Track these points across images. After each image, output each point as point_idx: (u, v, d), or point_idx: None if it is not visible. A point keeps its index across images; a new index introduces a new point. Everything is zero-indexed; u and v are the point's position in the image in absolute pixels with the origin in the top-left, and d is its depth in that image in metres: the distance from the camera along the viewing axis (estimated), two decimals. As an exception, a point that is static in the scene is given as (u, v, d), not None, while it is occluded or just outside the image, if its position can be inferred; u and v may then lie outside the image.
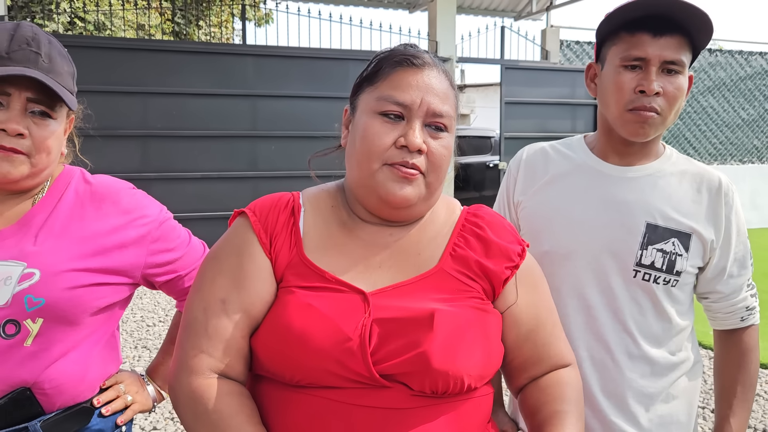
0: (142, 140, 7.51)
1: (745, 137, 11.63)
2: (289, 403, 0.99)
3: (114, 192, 1.34)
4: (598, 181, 1.42)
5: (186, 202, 7.45)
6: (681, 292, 1.41)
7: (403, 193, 1.03)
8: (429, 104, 1.05)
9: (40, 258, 1.21)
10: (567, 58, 10.18)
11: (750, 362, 1.46)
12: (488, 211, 1.18)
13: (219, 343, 1.02)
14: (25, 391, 1.21)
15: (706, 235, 1.38)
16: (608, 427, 1.40)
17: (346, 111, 1.15)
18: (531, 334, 1.12)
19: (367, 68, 1.12)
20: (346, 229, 1.11)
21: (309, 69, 8.05)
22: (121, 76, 7.31)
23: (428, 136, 1.05)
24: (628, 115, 1.33)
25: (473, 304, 1.06)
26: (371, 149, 1.04)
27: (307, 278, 1.04)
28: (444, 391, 0.98)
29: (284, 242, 1.08)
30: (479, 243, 1.11)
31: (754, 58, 11.60)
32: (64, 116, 1.29)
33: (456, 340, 0.98)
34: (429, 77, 1.07)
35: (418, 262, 1.09)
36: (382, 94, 1.05)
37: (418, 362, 0.96)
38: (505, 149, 9.13)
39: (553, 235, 1.41)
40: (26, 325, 1.19)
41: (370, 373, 0.96)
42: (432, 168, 1.06)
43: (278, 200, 1.13)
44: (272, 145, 8.00)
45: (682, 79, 1.32)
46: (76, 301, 1.24)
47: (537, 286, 1.16)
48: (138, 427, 3.48)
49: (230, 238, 1.10)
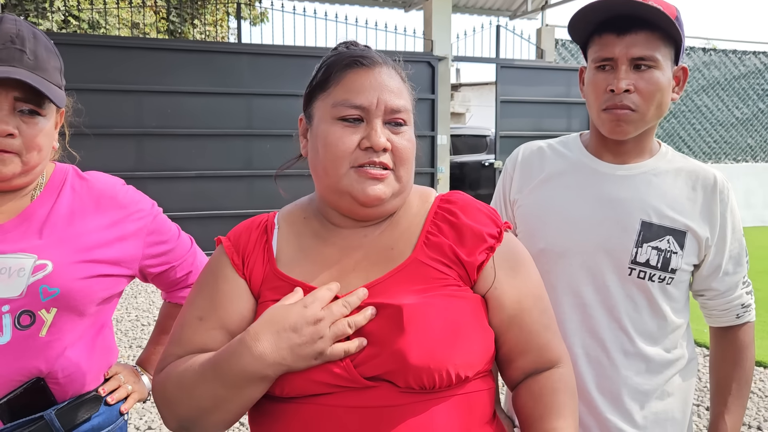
0: (136, 139, 7.50)
1: (739, 136, 11.67)
2: (282, 414, 1.00)
3: (110, 187, 1.38)
4: (593, 179, 1.43)
5: (181, 200, 7.44)
6: (676, 290, 1.41)
7: (375, 191, 1.03)
8: (386, 102, 1.05)
9: (51, 250, 1.24)
10: (562, 57, 10.20)
11: (745, 359, 1.47)
12: (462, 196, 1.16)
13: (189, 345, 1.06)
14: (39, 381, 1.25)
15: (701, 233, 1.38)
16: (603, 424, 1.40)
17: (301, 120, 1.16)
18: (515, 320, 1.08)
19: (315, 75, 1.11)
20: (320, 237, 1.12)
21: (304, 67, 8.04)
22: (115, 74, 7.29)
23: (390, 132, 1.05)
24: (604, 114, 1.36)
25: (448, 292, 1.03)
26: (336, 155, 1.03)
27: (282, 290, 1.05)
28: (432, 385, 0.96)
29: (257, 260, 1.10)
30: (452, 229, 1.09)
31: (747, 57, 11.64)
32: (53, 112, 1.29)
33: (430, 333, 0.97)
34: (381, 75, 1.06)
35: (392, 256, 1.08)
36: (337, 99, 1.05)
37: (396, 360, 0.95)
38: (501, 148, 9.15)
39: (548, 233, 1.41)
40: (41, 316, 1.23)
41: (351, 375, 0.96)
42: (399, 162, 1.06)
43: (251, 222, 1.17)
44: (267, 144, 8.00)
45: (656, 74, 1.32)
46: (87, 291, 1.28)
47: (519, 269, 1.11)
48: (133, 426, 3.47)
49: (209, 264, 1.15)
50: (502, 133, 9.19)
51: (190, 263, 1.51)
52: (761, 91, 11.78)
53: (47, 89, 1.21)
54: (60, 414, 1.28)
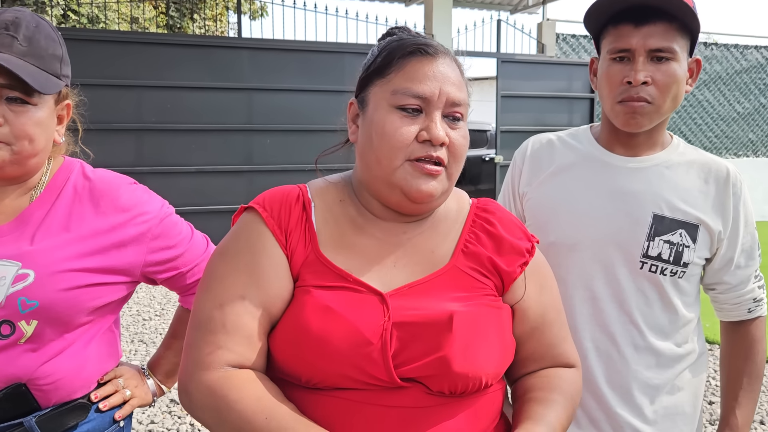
0: (136, 134, 7.47)
1: (740, 131, 11.64)
2: (307, 404, 0.97)
3: (114, 188, 1.28)
4: (604, 172, 1.41)
5: (181, 196, 7.41)
6: (688, 284, 1.39)
7: (428, 188, 1.01)
8: (448, 94, 1.02)
9: (36, 258, 1.18)
10: (563, 52, 10.16)
11: (757, 353, 1.45)
12: (497, 206, 1.17)
13: (241, 339, 0.96)
14: (20, 387, 1.19)
15: (714, 226, 1.37)
16: (613, 419, 1.39)
17: (351, 105, 1.11)
18: (536, 332, 1.11)
19: (374, 60, 1.07)
20: (357, 226, 1.08)
21: (304, 62, 8.01)
22: (114, 69, 7.25)
23: (448, 127, 1.03)
24: (619, 107, 1.33)
25: (487, 302, 1.04)
26: (393, 145, 1.00)
27: (325, 277, 1.01)
28: (462, 391, 0.97)
29: (299, 239, 1.04)
30: (490, 239, 1.10)
31: (749, 51, 11.61)
32: (48, 102, 1.21)
33: (474, 342, 0.97)
34: (443, 66, 1.03)
35: (431, 259, 1.06)
36: (398, 87, 1.01)
37: (439, 366, 0.94)
38: (501, 143, 9.12)
39: (558, 227, 1.40)
40: (20, 327, 1.17)
41: (391, 377, 0.94)
42: (454, 159, 1.03)
43: (288, 194, 1.08)
44: (268, 139, 7.97)
45: (674, 66, 1.31)
46: (72, 302, 1.20)
47: (546, 283, 1.14)
48: (136, 421, 3.46)
49: (240, 235, 1.05)
50: (502, 127, 9.16)
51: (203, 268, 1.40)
52: (763, 85, 11.75)
53: (28, 74, 1.14)
54: (41, 421, 1.21)
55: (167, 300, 5.97)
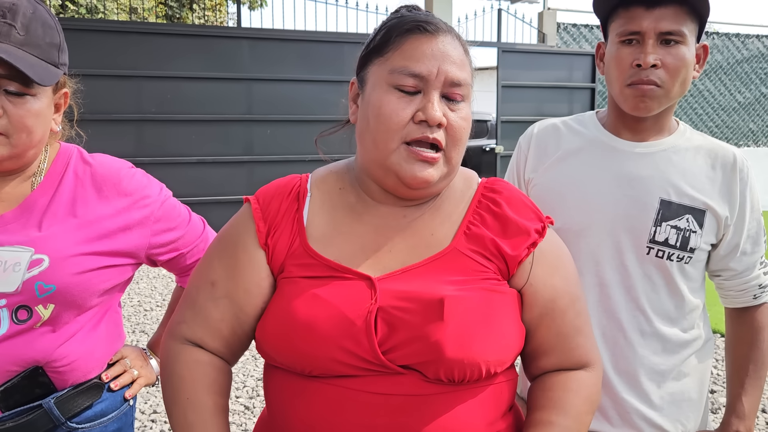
0: (136, 124, 7.45)
1: (741, 121, 11.62)
2: (305, 392, 0.97)
3: (115, 173, 1.30)
4: (611, 157, 1.40)
5: (181, 186, 7.38)
6: (694, 269, 1.39)
7: (424, 175, 0.98)
8: (446, 73, 0.98)
9: (48, 244, 1.19)
10: (564, 41, 10.12)
11: (762, 340, 1.45)
12: (506, 185, 1.12)
13: (200, 319, 1.06)
14: (37, 369, 1.22)
15: (721, 212, 1.36)
16: (620, 404, 1.39)
17: (352, 84, 1.09)
18: (545, 319, 1.05)
19: (374, 37, 1.04)
20: (355, 213, 1.07)
21: (304, 52, 7.98)
22: (114, 59, 7.23)
23: (446, 108, 0.99)
24: (628, 90, 1.32)
25: (487, 286, 1.00)
26: (389, 126, 0.97)
27: (311, 268, 1.01)
28: (461, 378, 0.95)
29: (284, 231, 1.05)
30: (496, 221, 1.05)
31: (750, 41, 11.57)
32: (46, 92, 1.20)
33: (469, 327, 0.94)
34: (444, 44, 0.99)
35: (431, 242, 1.03)
36: (395, 65, 0.98)
37: (431, 352, 0.92)
38: (502, 133, 9.10)
39: (565, 212, 1.39)
40: (38, 311, 1.19)
41: (378, 359, 0.93)
42: (452, 142, 0.99)
43: (284, 185, 1.10)
44: (268, 129, 7.95)
45: (683, 50, 1.30)
46: (85, 285, 1.23)
47: (558, 268, 1.07)
48: (138, 410, 3.47)
49: (233, 223, 1.11)
50: (503, 117, 9.14)
51: (202, 249, 1.44)
52: (764, 75, 11.71)
53: (29, 66, 1.12)
54: (59, 402, 1.25)
55: (168, 291, 5.97)
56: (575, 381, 1.06)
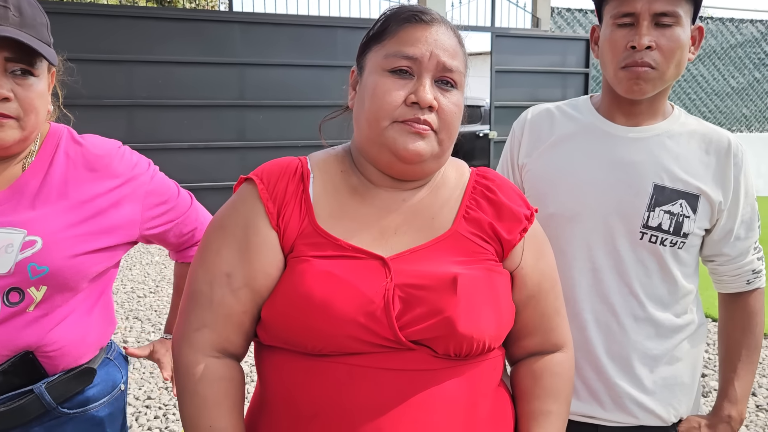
0: (127, 110, 7.40)
1: (734, 105, 11.64)
2: (312, 372, 0.98)
3: (106, 154, 1.31)
4: (604, 142, 1.39)
5: (173, 172, 7.24)
6: (687, 255, 1.39)
7: (415, 147, 1.01)
8: (438, 57, 1.02)
9: (41, 225, 1.19)
10: (558, 26, 10.09)
11: (755, 325, 1.45)
12: (496, 174, 1.18)
13: (222, 318, 1.03)
14: (28, 355, 1.21)
15: (714, 197, 1.36)
16: (612, 389, 1.39)
17: (353, 72, 1.13)
18: (532, 300, 1.12)
19: (373, 27, 1.09)
20: (358, 194, 1.09)
21: (297, 36, 7.92)
22: (104, 44, 7.16)
23: (438, 92, 1.03)
24: (622, 72, 1.31)
25: (488, 266, 1.06)
26: (381, 107, 1.01)
27: (322, 248, 1.02)
28: (467, 353, 0.99)
29: (293, 211, 1.05)
30: (490, 206, 1.11)
31: (744, 25, 11.56)
32: (45, 72, 1.22)
33: (477, 304, 0.99)
34: (438, 33, 1.04)
35: (432, 225, 1.08)
36: (390, 50, 1.03)
37: (444, 327, 0.96)
38: (496, 118, 9.09)
39: (558, 198, 1.38)
40: (30, 293, 1.18)
41: (396, 336, 0.96)
42: (443, 125, 1.03)
43: (287, 166, 1.09)
44: (260, 115, 7.91)
45: (678, 31, 1.29)
46: (79, 267, 1.23)
47: (543, 253, 1.15)
48: (132, 396, 3.47)
49: (236, 206, 1.07)
50: (497, 103, 9.12)
51: (194, 219, 1.47)
52: (757, 59, 11.72)
53: (39, 47, 1.14)
54: (50, 387, 1.23)
55: (161, 277, 5.96)
56: (558, 365, 1.15)
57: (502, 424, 1.07)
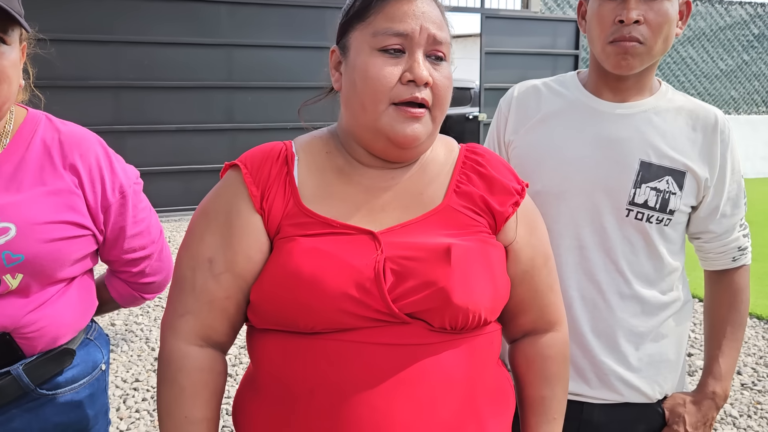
0: (113, 91, 7.32)
1: (723, 88, 11.67)
2: (306, 351, 0.97)
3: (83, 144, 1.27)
4: (591, 119, 1.38)
5: (161, 155, 7.31)
6: (673, 231, 1.39)
7: (413, 131, 1.00)
8: (428, 30, 1.01)
9: (15, 211, 1.16)
10: (548, 7, 10.04)
11: (741, 302, 1.46)
12: (485, 149, 1.17)
13: (205, 304, 1.02)
14: (5, 336, 1.18)
15: (701, 174, 1.35)
16: (598, 367, 1.39)
17: (332, 52, 1.10)
18: (526, 276, 1.11)
19: (353, 4, 1.06)
20: (344, 175, 1.08)
21: (285, 17, 7.86)
22: (90, 24, 7.07)
23: (430, 67, 1.02)
24: (610, 47, 1.30)
25: (482, 238, 1.05)
26: (377, 89, 0.99)
27: (309, 227, 1.01)
28: (463, 326, 0.98)
29: (277, 194, 1.04)
30: (481, 180, 1.10)
31: (733, 7, 11.55)
32: (17, 42, 1.18)
33: (472, 275, 0.98)
34: (423, 5, 1.02)
35: (422, 201, 1.07)
36: (378, 28, 1.00)
37: (438, 298, 0.95)
38: (485, 101, 9.07)
39: (545, 175, 1.38)
40: (5, 281, 1.16)
41: (388, 308, 0.95)
42: (437, 101, 1.03)
43: (270, 150, 1.09)
44: (249, 96, 7.85)
45: (666, 5, 1.28)
46: (56, 255, 1.20)
47: (536, 228, 1.14)
48: (120, 379, 3.46)
49: (220, 192, 1.07)
50: (486, 85, 9.10)
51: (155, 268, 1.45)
52: (746, 42, 11.74)
53: (14, 11, 1.11)
54: (28, 369, 1.21)
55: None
56: (549, 347, 1.15)
57: (501, 402, 1.07)
